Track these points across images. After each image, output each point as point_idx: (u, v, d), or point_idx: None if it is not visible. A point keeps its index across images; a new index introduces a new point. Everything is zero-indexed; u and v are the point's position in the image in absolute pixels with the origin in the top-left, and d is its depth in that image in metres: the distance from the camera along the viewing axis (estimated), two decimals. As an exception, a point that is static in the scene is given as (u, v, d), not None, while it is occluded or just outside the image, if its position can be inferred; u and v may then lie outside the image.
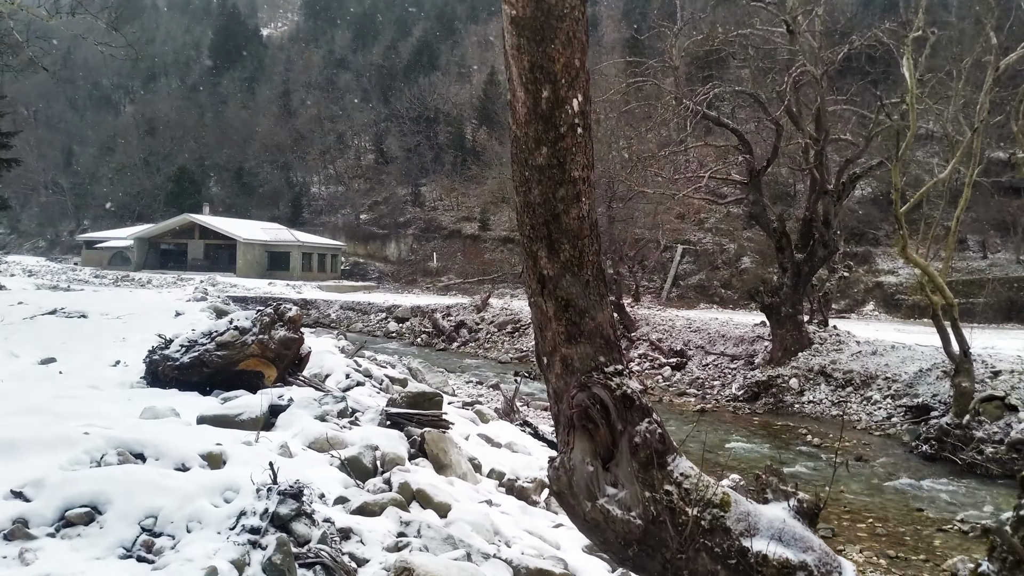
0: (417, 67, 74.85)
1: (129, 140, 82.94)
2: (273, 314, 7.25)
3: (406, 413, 6.81)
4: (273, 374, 7.36)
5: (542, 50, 2.98)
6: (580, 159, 3.14)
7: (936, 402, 17.92)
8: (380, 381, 10.49)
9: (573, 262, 3.19)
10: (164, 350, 7.60)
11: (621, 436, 3.18)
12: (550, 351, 3.35)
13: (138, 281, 50.84)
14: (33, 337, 11.85)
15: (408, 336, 34.88)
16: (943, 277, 16.63)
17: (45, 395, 6.29)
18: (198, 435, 5.42)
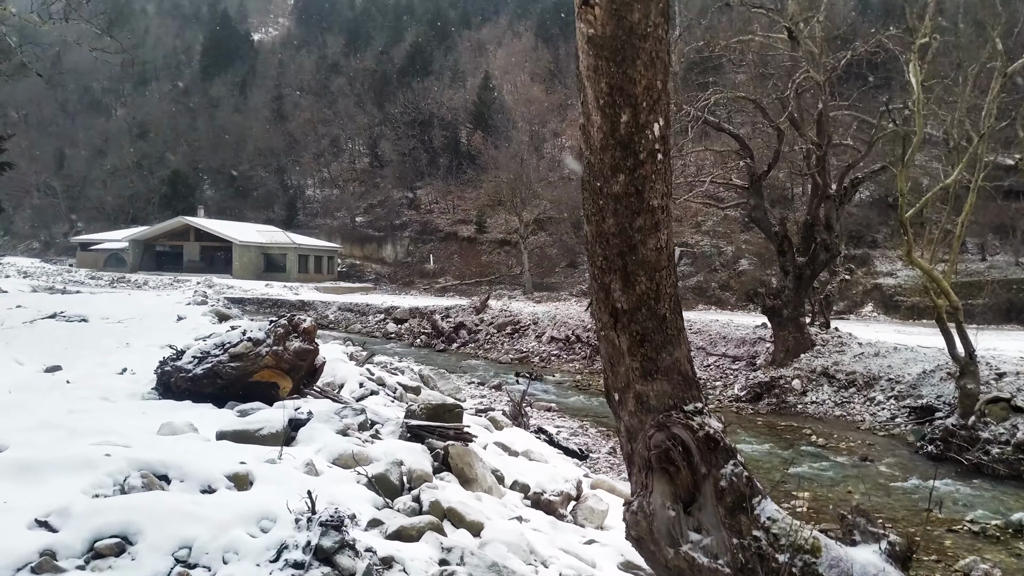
0: (411, 72, 74.78)
1: (121, 143, 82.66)
2: (287, 324, 7.16)
3: (427, 426, 6.70)
4: (288, 385, 7.24)
5: (622, 71, 2.81)
6: (659, 187, 2.98)
7: (940, 403, 17.94)
8: (394, 390, 10.34)
9: (650, 295, 3.04)
10: (176, 361, 7.48)
11: (705, 479, 3.02)
12: (622, 387, 3.19)
13: (134, 283, 50.66)
14: (35, 342, 11.71)
15: (407, 337, 34.78)
16: (947, 280, 16.69)
17: (56, 408, 6.16)
18: (220, 453, 5.30)
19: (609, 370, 3.23)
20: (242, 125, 79.10)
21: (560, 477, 7.32)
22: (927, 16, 13.30)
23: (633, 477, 3.21)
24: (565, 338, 29.44)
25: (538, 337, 30.43)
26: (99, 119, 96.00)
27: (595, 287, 3.18)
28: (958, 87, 15.54)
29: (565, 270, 53.12)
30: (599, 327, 3.22)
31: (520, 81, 69.67)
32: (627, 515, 3.18)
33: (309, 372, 7.62)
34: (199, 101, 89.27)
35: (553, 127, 64.81)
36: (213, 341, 7.41)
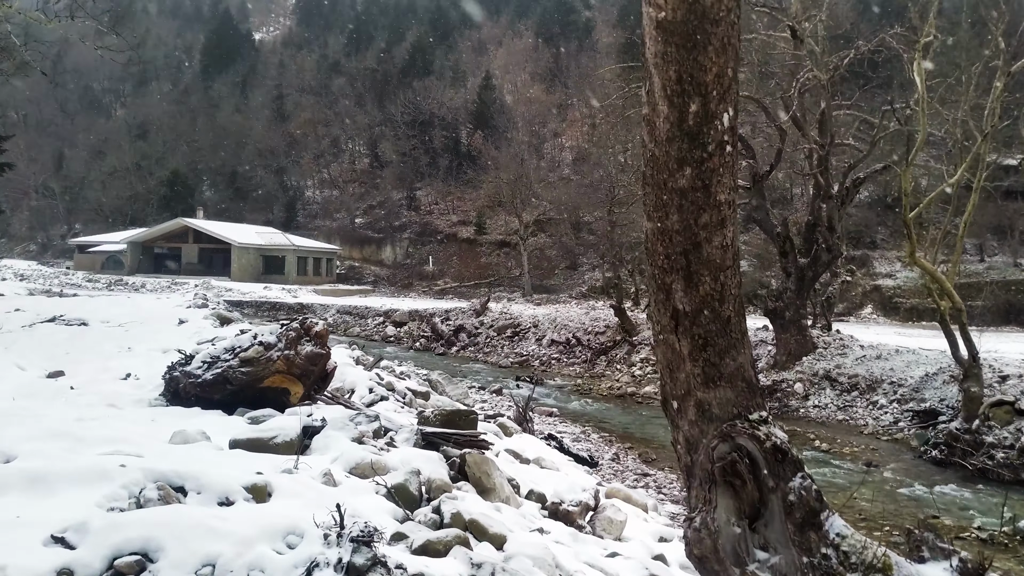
0: (411, 72, 74.70)
1: (120, 144, 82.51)
2: (299, 328, 6.95)
3: (443, 433, 6.58)
4: (299, 391, 7.08)
5: (693, 58, 2.69)
6: (727, 181, 2.85)
7: (944, 407, 17.85)
8: (403, 395, 10.19)
9: (714, 296, 2.91)
10: (185, 366, 7.33)
11: (772, 493, 2.87)
12: (682, 395, 3.04)
13: (132, 285, 50.50)
14: (35, 347, 11.57)
15: (406, 340, 34.66)
16: (950, 282, 16.59)
17: (63, 416, 6.04)
18: (234, 462, 5.20)
19: (667, 376, 3.10)
20: (242, 125, 78.97)
21: (577, 486, 7.16)
22: (931, 15, 13.19)
23: (693, 491, 3.07)
24: (566, 341, 29.33)
25: (538, 340, 30.32)
26: (99, 119, 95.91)
27: (654, 288, 3.05)
28: (960, 86, 15.44)
29: (564, 272, 53.01)
30: (657, 330, 3.07)
31: (521, 81, 69.62)
32: (689, 532, 3.03)
33: (320, 377, 7.47)
34: (199, 101, 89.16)
35: (553, 127, 64.73)
36: (223, 345, 7.22)
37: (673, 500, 12.01)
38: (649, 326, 27.99)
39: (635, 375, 25.22)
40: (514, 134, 56.46)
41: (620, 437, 17.17)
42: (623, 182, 26.68)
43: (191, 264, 59.67)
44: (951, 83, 15.46)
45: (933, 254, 17.36)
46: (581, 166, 58.98)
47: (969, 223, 16.98)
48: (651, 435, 17.81)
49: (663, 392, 3.17)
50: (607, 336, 28.18)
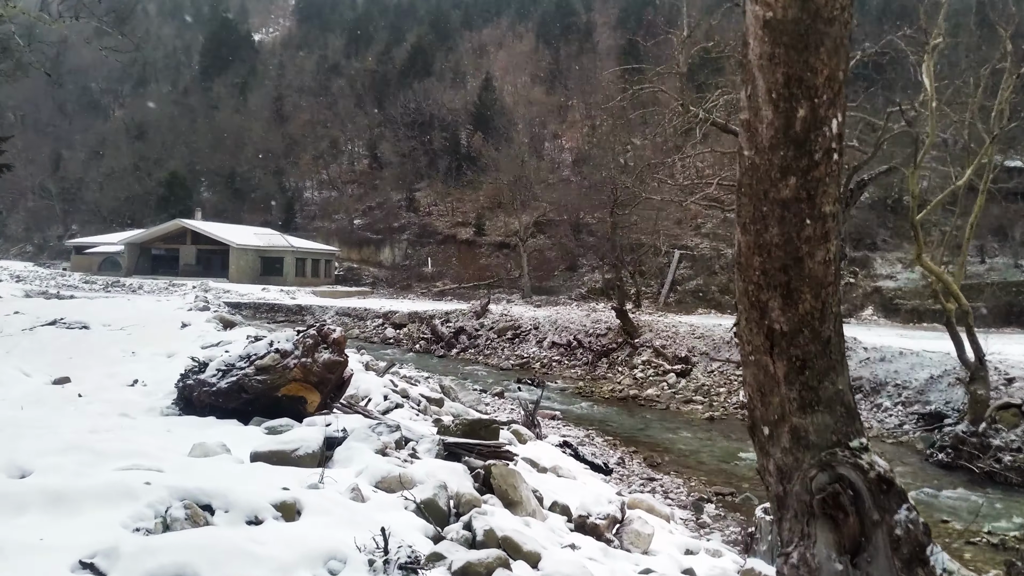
0: (411, 73, 74.58)
1: (119, 145, 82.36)
2: (316, 335, 6.74)
3: (466, 443, 6.39)
4: (316, 400, 6.89)
5: (803, 60, 2.54)
6: (832, 191, 2.69)
7: (949, 409, 17.74)
8: (418, 402, 9.99)
9: (814, 315, 2.72)
10: (199, 374, 7.14)
11: (876, 527, 2.69)
12: (775, 420, 2.85)
13: (129, 287, 50.33)
14: (37, 351, 11.40)
15: (406, 342, 34.50)
16: (956, 283, 16.50)
17: (75, 426, 5.85)
18: (258, 477, 5.01)
19: (758, 400, 2.91)
20: (241, 126, 78.78)
21: (602, 498, 6.90)
22: (940, 16, 13.08)
23: (786, 523, 2.87)
24: (567, 343, 29.21)
25: (539, 342, 30.20)
26: (97, 120, 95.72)
27: (746, 305, 2.86)
28: (968, 88, 15.35)
29: (564, 273, 52.88)
30: (748, 351, 2.88)
31: (521, 83, 69.53)
32: (786, 569, 2.83)
33: (337, 385, 7.28)
34: (198, 102, 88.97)
35: (553, 128, 64.65)
36: (238, 352, 7.03)
37: (681, 505, 11.91)
38: (651, 329, 27.93)
39: (637, 378, 25.09)
40: (514, 135, 56.34)
41: (624, 441, 17.03)
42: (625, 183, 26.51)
43: (189, 265, 59.47)
44: (959, 84, 15.36)
45: (939, 256, 17.24)
46: (581, 167, 58.94)
47: (963, 224, 16.95)
48: (655, 439, 17.69)
49: (751, 417, 2.97)
50: (608, 338, 28.07)
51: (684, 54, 21.26)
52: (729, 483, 14.04)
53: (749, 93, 2.65)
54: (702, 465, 15.44)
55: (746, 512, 12.25)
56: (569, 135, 64.36)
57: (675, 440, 17.59)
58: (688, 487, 13.56)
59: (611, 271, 29.12)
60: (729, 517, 11.91)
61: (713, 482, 14.08)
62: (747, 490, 13.47)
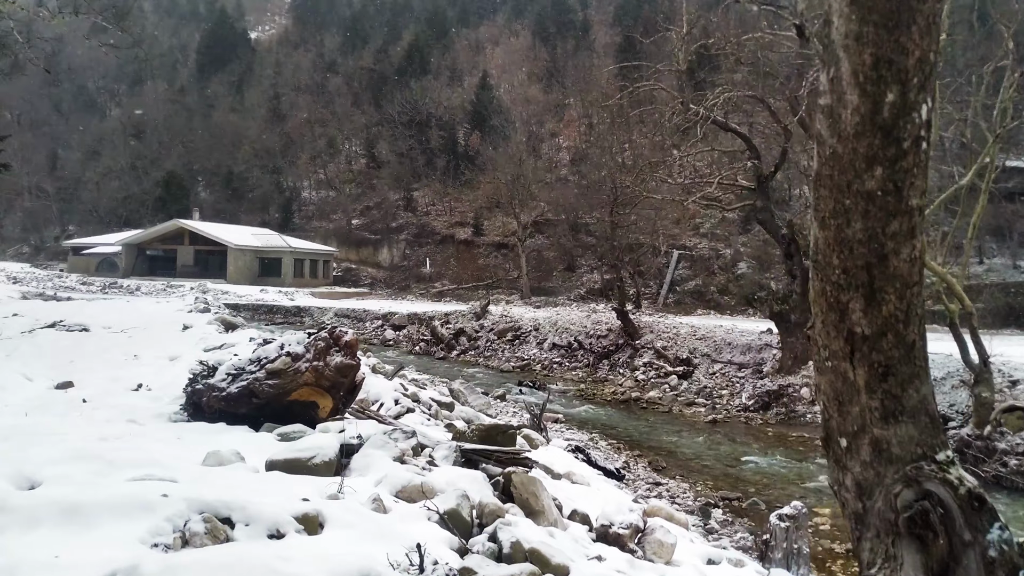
0: (408, 71, 74.43)
1: (116, 144, 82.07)
2: (328, 338, 6.61)
3: (484, 450, 6.24)
4: (328, 405, 6.75)
5: (894, 39, 2.37)
6: (920, 183, 2.53)
7: (953, 412, 17.65)
8: (428, 406, 9.85)
9: (898, 317, 2.54)
10: (208, 378, 6.98)
11: (967, 548, 2.50)
12: (854, 431, 2.69)
13: (127, 288, 50.15)
14: (37, 354, 11.26)
15: (406, 344, 34.37)
16: (960, 284, 16.41)
17: (83, 434, 5.69)
18: (275, 487, 4.86)
19: (835, 410, 2.74)
20: (238, 125, 78.59)
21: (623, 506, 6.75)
22: (944, 10, 12.94)
23: (866, 543, 2.70)
24: (567, 345, 29.11)
25: (539, 344, 30.09)
26: (93, 119, 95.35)
27: (823, 307, 2.72)
28: (970, 86, 15.26)
29: (562, 274, 52.78)
30: (824, 356, 2.72)
31: (518, 81, 69.41)
32: None
33: (349, 389, 7.15)
34: (195, 101, 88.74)
35: (551, 127, 64.52)
36: (248, 356, 6.91)
37: (687, 510, 11.79)
38: (652, 330, 27.83)
39: (638, 380, 25.01)
40: (512, 134, 56.20)
41: (628, 444, 16.94)
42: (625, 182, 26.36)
43: (187, 266, 59.29)
44: (960, 83, 15.26)
45: (943, 256, 17.12)
46: (579, 166, 58.82)
47: (961, 225, 16.88)
48: (658, 442, 17.60)
49: (826, 428, 2.81)
50: (609, 340, 27.97)
51: (684, 51, 21.13)
52: (735, 487, 13.95)
53: (832, 76, 2.49)
54: (707, 469, 15.35)
55: (753, 517, 12.17)
56: (566, 134, 64.26)
57: (679, 443, 17.50)
58: (694, 492, 13.47)
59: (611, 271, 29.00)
60: (736, 523, 11.82)
61: (719, 486, 13.98)
62: (753, 495, 13.39)
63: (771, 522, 6.90)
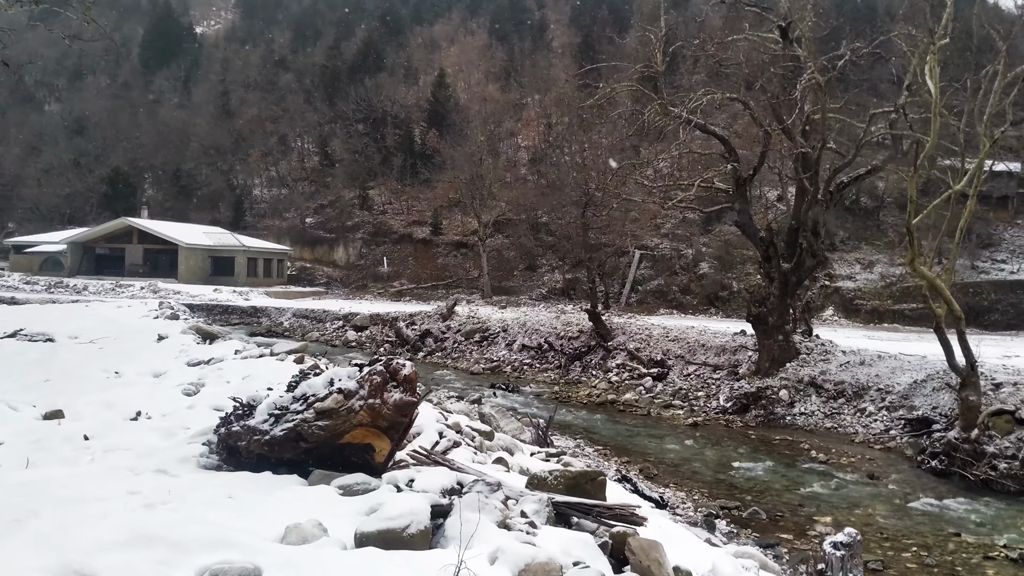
0: (362, 68, 73.22)
1: (57, 140, 79.22)
2: (384, 371, 5.77)
3: (580, 504, 5.48)
4: (386, 447, 5.96)
5: None
6: None
7: (937, 415, 17.69)
8: (472, 437, 9.07)
9: None
10: (246, 419, 6.13)
11: None
12: None
13: (73, 288, 48.43)
14: (6, 372, 10.27)
15: (369, 346, 33.57)
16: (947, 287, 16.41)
17: (110, 489, 4.82)
18: (380, 570, 4.04)
19: None
20: (186, 122, 76.51)
21: (724, 561, 5.99)
22: (945, 16, 12.87)
23: None
24: (537, 346, 28.72)
25: (508, 345, 29.64)
26: (31, 114, 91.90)
27: None
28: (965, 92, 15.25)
29: (523, 273, 52.40)
30: None
31: (475, 79, 68.76)
32: None
33: (405, 428, 6.34)
34: (140, 96, 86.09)
35: (509, 126, 64.03)
36: (292, 393, 6.09)
37: (690, 522, 11.44)
38: (624, 331, 27.57)
39: (612, 381, 24.72)
40: (470, 132, 55.56)
41: (615, 450, 16.60)
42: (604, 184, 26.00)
43: (135, 265, 57.39)
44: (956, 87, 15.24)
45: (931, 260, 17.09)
46: (538, 166, 58.48)
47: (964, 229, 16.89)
48: (644, 447, 17.30)
49: None
50: (581, 341, 27.64)
51: (661, 52, 20.86)
52: (731, 495, 13.68)
53: None
54: (698, 476, 15.08)
55: (757, 527, 11.90)
56: (525, 133, 63.87)
57: (664, 449, 17.22)
58: (692, 501, 13.16)
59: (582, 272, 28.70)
60: (742, 534, 11.53)
61: (714, 494, 13.71)
62: (751, 503, 13.14)
63: (825, 551, 6.54)
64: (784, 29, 18.54)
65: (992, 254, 40.97)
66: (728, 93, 19.40)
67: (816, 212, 20.35)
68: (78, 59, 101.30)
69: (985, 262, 40.65)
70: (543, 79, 61.58)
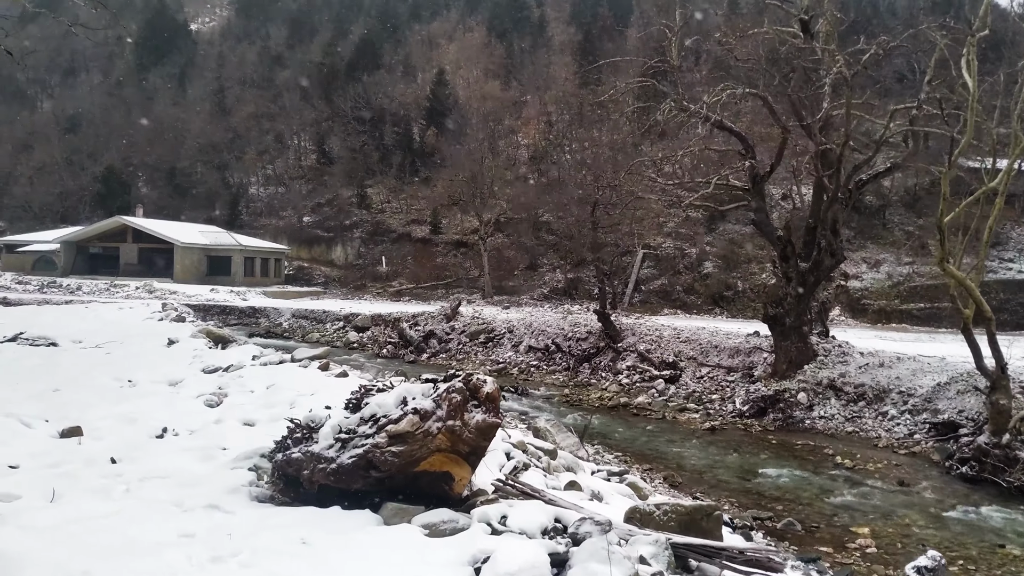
0: (360, 65, 72.48)
1: (49, 138, 78.31)
2: (463, 388, 5.17)
3: (706, 547, 4.77)
4: (466, 476, 5.31)
5: None
6: None
7: (963, 419, 17.19)
8: (538, 457, 8.43)
9: None
10: (308, 444, 5.38)
11: None
12: None
13: (67, 288, 47.72)
14: (9, 380, 9.56)
15: (371, 347, 33.00)
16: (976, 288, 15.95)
17: (161, 532, 4.14)
18: None
19: None
20: (181, 119, 75.66)
21: None
22: (984, 7, 12.37)
23: None
24: (544, 347, 28.18)
25: (515, 347, 29.10)
26: (24, 112, 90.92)
27: None
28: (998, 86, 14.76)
29: (524, 273, 51.81)
30: None
31: (474, 77, 68.09)
32: None
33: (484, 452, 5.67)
34: (134, 94, 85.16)
35: (509, 124, 63.42)
36: (359, 414, 5.39)
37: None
38: (634, 332, 27.03)
39: (623, 384, 24.20)
40: (470, 130, 54.95)
41: (635, 456, 16.07)
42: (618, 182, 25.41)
43: (130, 265, 56.63)
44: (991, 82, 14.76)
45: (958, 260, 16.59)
46: (539, 164, 57.93)
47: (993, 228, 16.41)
48: (663, 453, 16.77)
49: None
50: (589, 343, 27.11)
51: (677, 47, 20.36)
52: (760, 505, 13.18)
53: None
54: (724, 484, 14.55)
55: (794, 540, 11.38)
56: (525, 131, 63.28)
57: (685, 455, 16.70)
58: (723, 512, 12.64)
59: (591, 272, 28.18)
60: (779, 547, 11.01)
61: (743, 503, 13.20)
62: (783, 513, 12.64)
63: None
64: (806, 23, 18.02)
65: (1000, 252, 40.57)
66: (748, 88, 18.85)
67: (836, 210, 19.87)
68: (71, 56, 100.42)
69: (993, 261, 40.23)
70: (543, 77, 60.98)
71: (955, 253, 16.05)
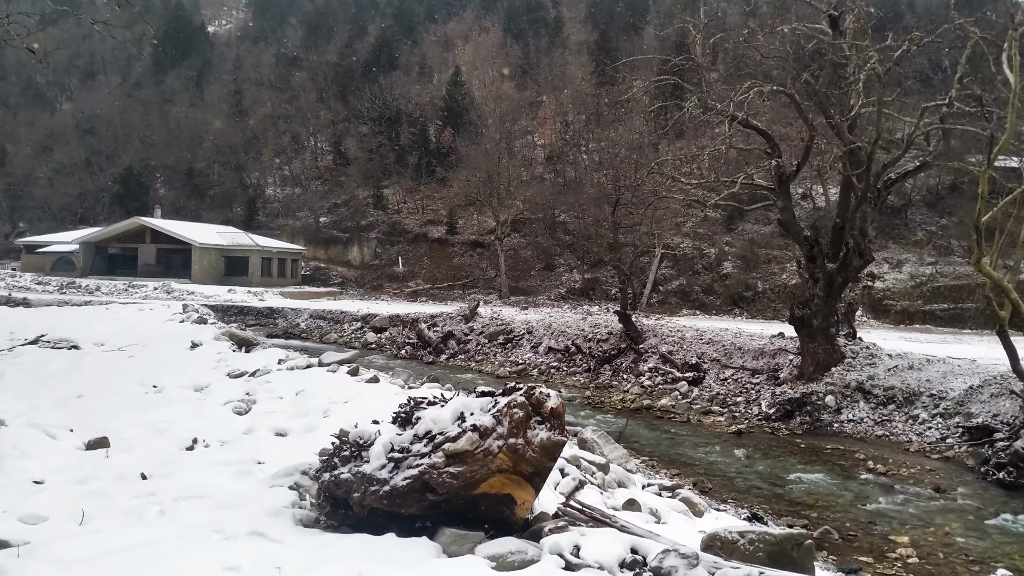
0: (376, 66, 72.41)
1: (68, 140, 78.66)
2: (526, 403, 4.77)
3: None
4: (529, 499, 4.86)
5: None
6: None
7: (998, 423, 16.79)
8: (592, 473, 8.08)
9: None
10: (359, 464, 4.92)
11: None
12: None
13: (86, 288, 47.83)
14: (31, 384, 9.33)
15: (389, 348, 32.86)
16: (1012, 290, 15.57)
17: (213, 568, 3.88)
18: None
19: None
20: (198, 121, 75.84)
21: None
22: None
23: None
24: (564, 348, 27.91)
25: (534, 348, 28.85)
26: (43, 114, 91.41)
27: None
28: None
29: (541, 273, 51.53)
30: None
31: (489, 78, 67.87)
32: None
33: None
34: (152, 95, 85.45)
35: (525, 124, 63.15)
36: (413, 431, 4.98)
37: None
38: (655, 333, 26.72)
39: (645, 386, 23.90)
40: (486, 131, 54.73)
41: (662, 461, 15.77)
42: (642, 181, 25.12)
43: (148, 265, 56.72)
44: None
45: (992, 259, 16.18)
46: (555, 164, 57.64)
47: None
48: (691, 458, 16.47)
49: None
50: (610, 344, 26.82)
51: (702, 44, 20.05)
52: (795, 512, 12.86)
53: None
54: (755, 490, 14.25)
55: (832, 550, 11.06)
56: (541, 131, 63.01)
57: (713, 460, 16.40)
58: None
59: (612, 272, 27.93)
60: (818, 557, 10.69)
61: (778, 511, 12.88)
62: (818, 521, 12.32)
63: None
64: (835, 19, 17.67)
65: None
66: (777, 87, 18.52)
67: (864, 210, 19.50)
68: (90, 59, 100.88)
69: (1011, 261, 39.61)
70: (559, 77, 60.66)
71: (990, 253, 15.63)
